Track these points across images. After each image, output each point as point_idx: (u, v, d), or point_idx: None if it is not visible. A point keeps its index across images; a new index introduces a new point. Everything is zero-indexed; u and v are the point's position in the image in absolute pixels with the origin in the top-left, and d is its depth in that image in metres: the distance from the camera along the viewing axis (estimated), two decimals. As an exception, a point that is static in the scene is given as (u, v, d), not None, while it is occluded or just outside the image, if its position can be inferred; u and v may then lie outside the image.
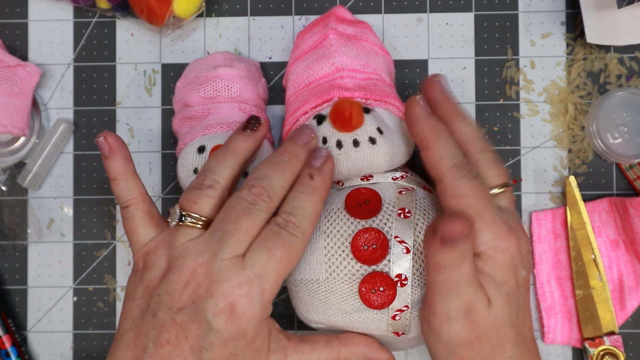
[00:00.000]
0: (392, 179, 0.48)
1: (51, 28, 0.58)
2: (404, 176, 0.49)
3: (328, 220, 0.46)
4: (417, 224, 0.45)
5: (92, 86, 0.58)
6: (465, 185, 0.42)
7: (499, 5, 0.57)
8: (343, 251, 0.45)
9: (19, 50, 0.58)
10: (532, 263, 0.56)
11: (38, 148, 0.57)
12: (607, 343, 0.54)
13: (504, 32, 0.57)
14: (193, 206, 0.43)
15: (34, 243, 0.57)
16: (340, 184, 0.49)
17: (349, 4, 0.57)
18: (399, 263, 0.44)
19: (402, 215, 0.45)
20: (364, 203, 0.46)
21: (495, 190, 0.45)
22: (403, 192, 0.47)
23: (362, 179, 0.48)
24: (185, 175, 0.50)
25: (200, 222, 0.43)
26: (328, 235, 0.46)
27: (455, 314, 0.41)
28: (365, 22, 0.54)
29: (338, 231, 0.46)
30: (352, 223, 0.46)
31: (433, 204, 0.47)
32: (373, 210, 0.46)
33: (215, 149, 0.49)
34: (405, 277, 0.44)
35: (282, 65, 0.57)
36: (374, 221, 0.45)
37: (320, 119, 0.48)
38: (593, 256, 0.54)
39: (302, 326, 0.55)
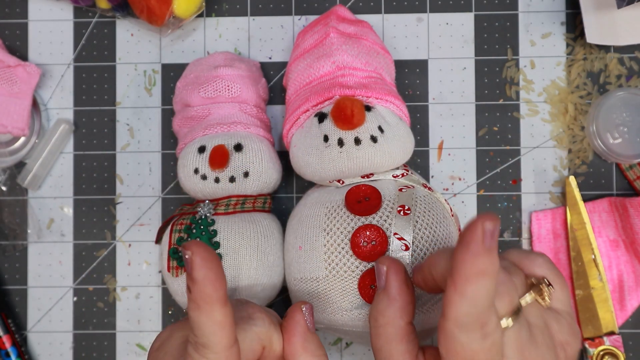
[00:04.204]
0: (393, 176, 0.48)
1: (51, 28, 0.58)
2: (405, 174, 0.49)
3: (328, 218, 0.46)
4: (416, 222, 0.45)
5: (92, 86, 0.58)
6: None
7: (499, 5, 0.57)
8: (342, 248, 0.45)
9: (19, 50, 0.58)
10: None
11: (38, 148, 0.57)
12: (607, 343, 0.54)
13: (504, 32, 0.57)
14: None
15: (34, 243, 0.57)
16: (341, 182, 0.49)
17: (349, 4, 0.57)
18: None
19: (401, 213, 0.45)
20: (364, 200, 0.46)
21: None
22: (403, 190, 0.47)
23: (362, 177, 0.48)
24: (185, 175, 0.50)
25: None
26: (328, 233, 0.46)
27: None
28: (366, 22, 0.54)
29: (338, 228, 0.46)
30: (352, 220, 0.46)
31: (433, 202, 0.47)
32: (373, 207, 0.46)
33: (215, 148, 0.49)
34: None
35: (282, 65, 0.57)
36: (373, 218, 0.45)
37: (321, 116, 0.48)
38: (593, 256, 0.54)
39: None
